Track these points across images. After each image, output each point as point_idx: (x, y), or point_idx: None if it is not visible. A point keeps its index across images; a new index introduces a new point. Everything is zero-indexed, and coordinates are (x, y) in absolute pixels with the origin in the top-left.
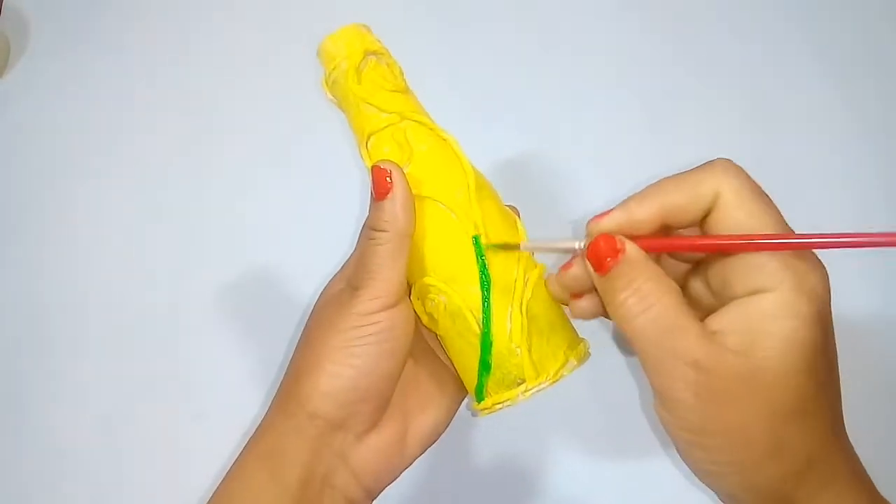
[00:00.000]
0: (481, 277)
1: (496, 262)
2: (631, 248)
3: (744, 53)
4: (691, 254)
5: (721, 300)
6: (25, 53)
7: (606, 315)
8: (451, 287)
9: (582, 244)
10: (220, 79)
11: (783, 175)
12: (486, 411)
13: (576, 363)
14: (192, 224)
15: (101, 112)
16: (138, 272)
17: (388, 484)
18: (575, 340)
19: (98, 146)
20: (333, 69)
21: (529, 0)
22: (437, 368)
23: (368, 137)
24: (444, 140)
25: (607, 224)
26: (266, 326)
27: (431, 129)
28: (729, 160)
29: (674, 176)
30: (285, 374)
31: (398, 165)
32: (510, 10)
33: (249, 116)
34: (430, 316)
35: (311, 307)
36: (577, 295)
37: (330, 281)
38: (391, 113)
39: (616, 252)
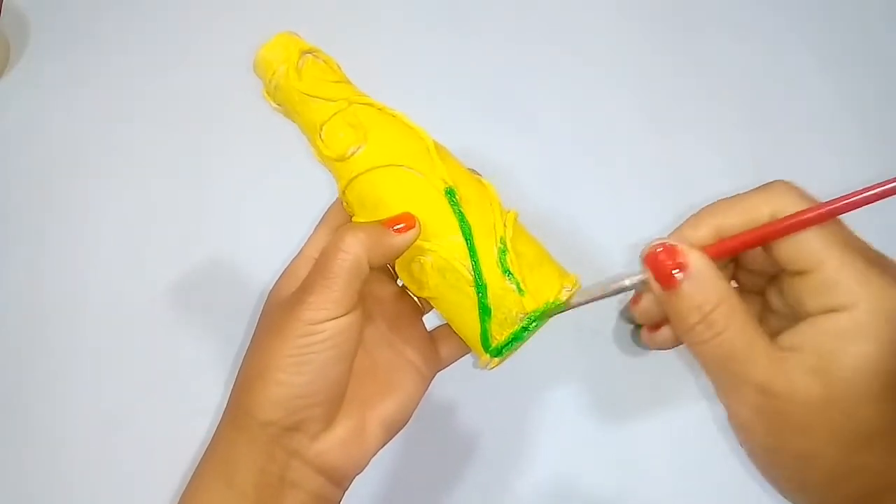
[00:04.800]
0: (461, 225)
1: (472, 212)
2: (696, 261)
3: (744, 54)
4: (766, 267)
5: (798, 316)
6: (25, 53)
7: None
8: (434, 243)
9: (633, 280)
10: (220, 79)
11: (783, 175)
12: (496, 359)
13: (570, 287)
14: (193, 223)
15: (101, 112)
16: (138, 272)
17: (357, 473)
18: (564, 272)
19: (98, 146)
20: (273, 75)
21: (530, 1)
22: (392, 356)
23: (321, 128)
24: (395, 116)
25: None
26: None
27: (380, 109)
28: (787, 182)
29: (730, 198)
30: (235, 382)
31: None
32: (511, 12)
33: (250, 116)
34: (419, 281)
35: None
36: (654, 327)
37: (278, 281)
38: (338, 100)
39: (680, 266)
